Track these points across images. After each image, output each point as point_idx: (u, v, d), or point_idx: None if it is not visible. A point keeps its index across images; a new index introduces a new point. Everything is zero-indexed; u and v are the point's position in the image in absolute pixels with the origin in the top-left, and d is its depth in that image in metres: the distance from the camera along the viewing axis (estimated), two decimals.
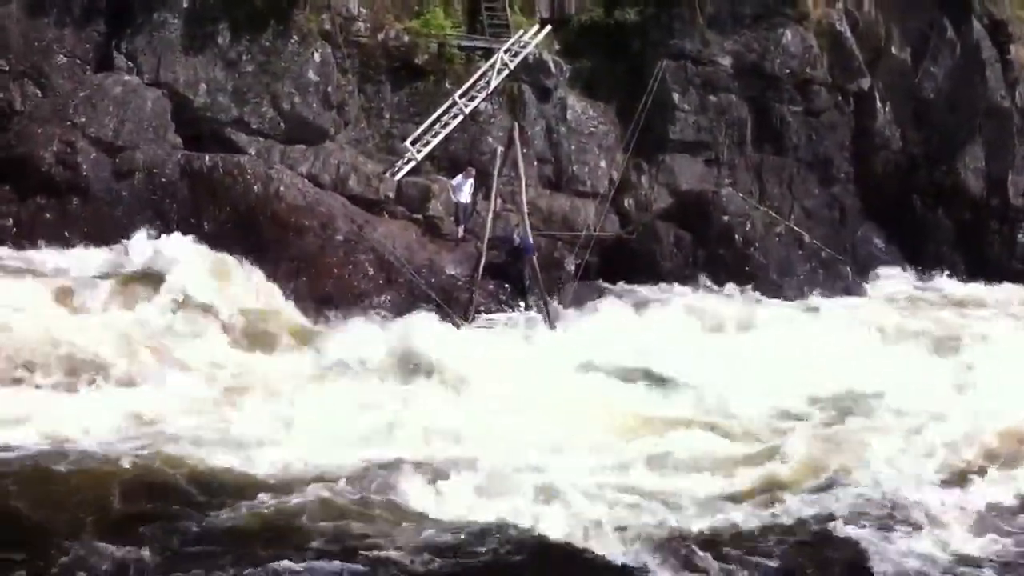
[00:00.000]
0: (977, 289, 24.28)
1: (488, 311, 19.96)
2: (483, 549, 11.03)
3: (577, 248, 22.23)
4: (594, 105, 24.42)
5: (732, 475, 13.28)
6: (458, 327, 18.93)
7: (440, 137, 22.53)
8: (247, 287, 18.42)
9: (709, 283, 22.15)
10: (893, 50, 25.83)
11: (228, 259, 18.71)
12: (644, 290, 21.79)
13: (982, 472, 13.45)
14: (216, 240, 19.62)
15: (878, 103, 25.66)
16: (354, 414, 14.53)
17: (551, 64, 23.91)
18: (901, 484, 12.89)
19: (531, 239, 20.75)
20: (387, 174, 22.20)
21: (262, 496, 11.82)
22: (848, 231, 25.26)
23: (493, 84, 23.05)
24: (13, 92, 20.75)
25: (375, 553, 10.81)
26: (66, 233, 19.59)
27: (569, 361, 17.23)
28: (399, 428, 14.08)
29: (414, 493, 12.11)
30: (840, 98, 25.53)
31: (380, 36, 23.01)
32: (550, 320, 19.71)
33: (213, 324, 17.10)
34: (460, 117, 22.72)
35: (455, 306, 19.59)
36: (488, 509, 11.89)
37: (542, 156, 23.82)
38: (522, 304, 20.38)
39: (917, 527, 11.83)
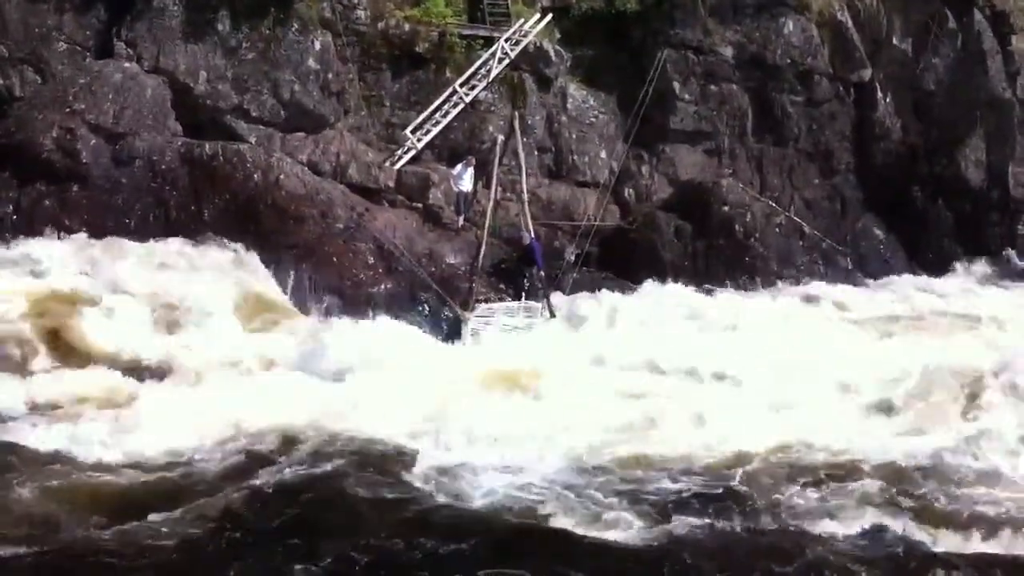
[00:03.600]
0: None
1: (488, 300, 19.98)
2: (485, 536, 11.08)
3: (577, 238, 22.25)
4: (595, 94, 24.37)
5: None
6: (458, 316, 18.97)
7: (440, 126, 22.50)
8: None
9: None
10: (894, 41, 25.75)
11: None
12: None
13: None
14: (216, 228, 19.70)
15: (879, 94, 25.60)
16: None
17: (552, 53, 23.86)
18: None
19: (540, 247, 20.65)
20: (387, 163, 22.19)
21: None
22: (848, 222, 25.21)
23: (494, 73, 23.00)
24: (12, 78, 20.71)
25: (376, 541, 10.88)
26: (66, 220, 19.60)
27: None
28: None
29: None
30: (841, 89, 25.46)
31: (381, 24, 22.94)
32: (550, 310, 19.73)
33: None
34: (460, 106, 22.69)
35: (455, 295, 19.60)
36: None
37: (542, 145, 23.79)
38: (522, 295, 20.42)
39: None
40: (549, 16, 24.12)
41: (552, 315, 19.59)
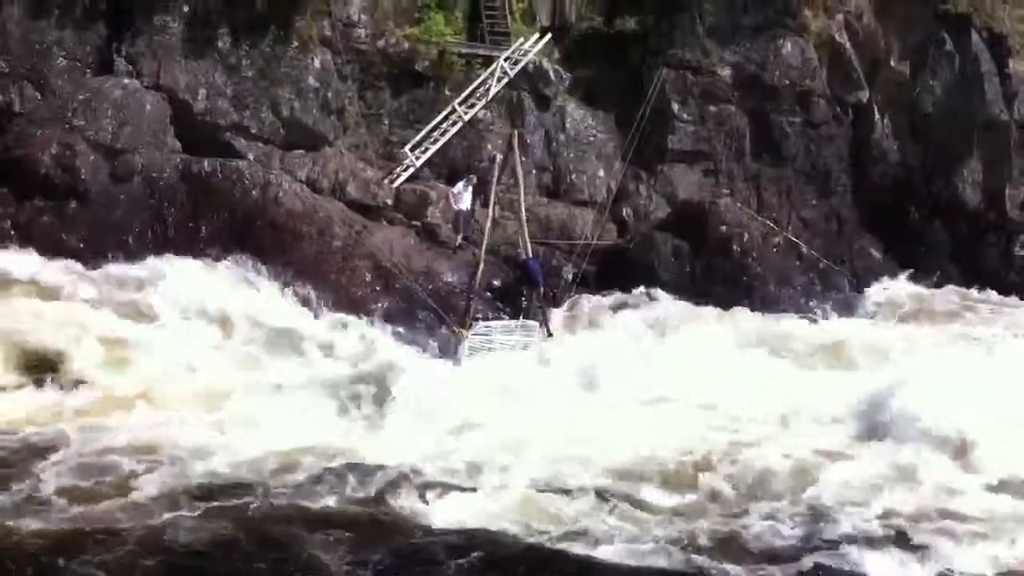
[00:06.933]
0: None
1: (485, 318, 19.97)
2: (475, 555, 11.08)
3: (575, 256, 22.27)
4: (593, 114, 24.43)
5: None
6: (455, 333, 18.97)
7: (439, 144, 22.56)
8: None
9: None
10: (892, 63, 25.87)
11: None
12: None
13: None
14: (213, 246, 19.71)
15: (876, 115, 25.69)
16: None
17: (551, 72, 23.94)
18: None
19: (539, 268, 20.65)
20: (386, 180, 22.23)
21: None
22: (845, 242, 25.23)
23: (493, 92, 23.07)
24: (12, 94, 20.72)
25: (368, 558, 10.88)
26: (63, 236, 19.59)
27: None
28: None
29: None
30: (839, 110, 25.54)
31: (380, 43, 23.03)
32: (547, 329, 19.73)
33: None
34: (459, 124, 22.76)
35: (452, 313, 19.60)
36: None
37: (541, 164, 23.84)
38: (520, 314, 20.39)
39: None
40: (548, 35, 24.25)
41: (550, 334, 19.60)
